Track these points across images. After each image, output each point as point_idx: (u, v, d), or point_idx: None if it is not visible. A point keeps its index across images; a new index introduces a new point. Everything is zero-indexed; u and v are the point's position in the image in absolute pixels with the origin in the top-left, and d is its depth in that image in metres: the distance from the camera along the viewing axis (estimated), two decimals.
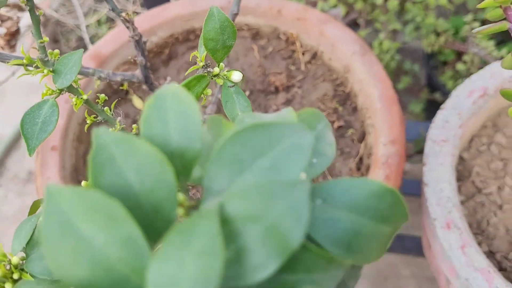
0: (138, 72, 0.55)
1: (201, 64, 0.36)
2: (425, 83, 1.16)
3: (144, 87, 0.58)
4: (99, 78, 0.53)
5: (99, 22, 1.18)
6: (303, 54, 0.75)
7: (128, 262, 0.19)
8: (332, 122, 0.70)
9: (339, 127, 0.70)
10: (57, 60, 0.35)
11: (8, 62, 0.41)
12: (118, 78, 0.54)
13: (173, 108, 0.22)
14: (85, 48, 1.17)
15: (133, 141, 0.21)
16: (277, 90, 0.74)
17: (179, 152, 0.22)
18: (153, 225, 0.20)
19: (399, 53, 1.08)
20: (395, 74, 1.12)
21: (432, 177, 0.64)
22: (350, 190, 0.23)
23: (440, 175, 0.64)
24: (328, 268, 0.20)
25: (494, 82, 0.70)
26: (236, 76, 0.37)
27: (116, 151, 0.20)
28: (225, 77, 0.37)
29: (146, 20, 0.76)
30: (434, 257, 0.72)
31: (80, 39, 1.21)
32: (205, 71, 0.37)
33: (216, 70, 0.37)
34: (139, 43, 0.50)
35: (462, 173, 0.72)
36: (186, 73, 0.38)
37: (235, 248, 0.19)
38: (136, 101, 0.77)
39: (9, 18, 0.84)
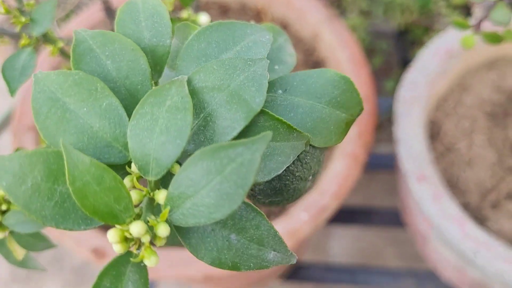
0: None
1: (170, 8, 0.39)
2: (398, 62, 1.20)
3: None
4: None
5: (67, 16, 1.20)
6: None
7: (109, 129, 0.21)
8: None
9: None
10: (33, 10, 0.37)
11: None
12: None
13: (144, 10, 0.24)
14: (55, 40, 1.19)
15: (108, 33, 0.23)
16: None
17: (151, 48, 0.24)
18: (130, 110, 0.23)
19: (371, 35, 1.11)
20: (367, 54, 1.16)
21: (403, 135, 0.67)
22: (307, 80, 0.26)
23: (410, 132, 0.67)
24: (289, 137, 0.23)
25: (458, 43, 0.73)
26: (204, 18, 0.39)
27: (93, 43, 0.23)
28: (193, 21, 0.39)
29: None
30: (409, 215, 0.75)
31: (44, 35, 1.23)
32: (175, 16, 0.39)
33: (184, 14, 0.39)
34: (110, 10, 0.52)
35: (432, 134, 0.75)
36: None
37: (204, 115, 0.21)
38: None
39: None
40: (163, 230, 0.18)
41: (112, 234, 0.18)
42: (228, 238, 0.21)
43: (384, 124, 1.05)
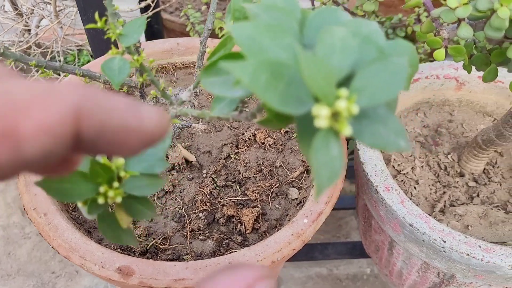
0: (134, 79, 0.65)
1: None
2: None
3: (136, 93, 0.68)
4: (104, 82, 0.63)
5: None
6: None
7: (289, 57, 0.30)
8: (280, 130, 0.85)
9: (286, 132, 0.85)
10: (124, 25, 0.46)
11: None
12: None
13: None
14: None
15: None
16: None
17: None
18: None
19: None
20: None
21: (367, 157, 0.80)
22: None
23: (372, 155, 0.81)
24: None
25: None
26: None
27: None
28: None
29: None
30: (376, 228, 0.87)
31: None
32: None
33: None
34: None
35: (385, 160, 0.90)
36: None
37: None
38: None
39: None
40: (355, 108, 0.28)
41: (325, 111, 0.27)
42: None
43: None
